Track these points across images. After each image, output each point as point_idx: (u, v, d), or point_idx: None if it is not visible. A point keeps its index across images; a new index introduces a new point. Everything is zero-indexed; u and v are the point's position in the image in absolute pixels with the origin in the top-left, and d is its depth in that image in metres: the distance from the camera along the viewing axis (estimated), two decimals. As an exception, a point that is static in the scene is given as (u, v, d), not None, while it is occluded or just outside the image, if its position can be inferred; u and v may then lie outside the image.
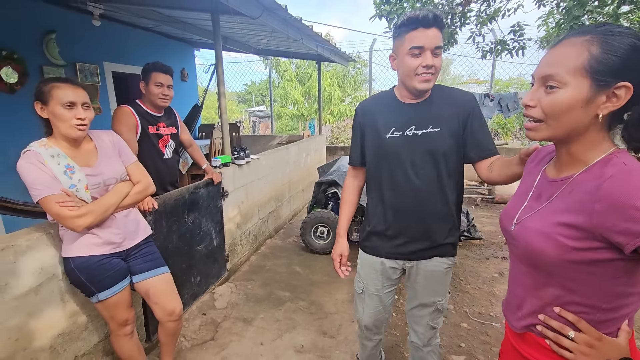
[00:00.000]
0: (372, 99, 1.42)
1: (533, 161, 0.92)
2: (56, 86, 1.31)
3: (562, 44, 0.70)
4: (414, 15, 1.14)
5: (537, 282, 0.78)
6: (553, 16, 3.75)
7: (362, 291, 1.51)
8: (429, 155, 1.27)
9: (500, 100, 4.80)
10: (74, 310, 1.59)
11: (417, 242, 1.35)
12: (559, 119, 0.69)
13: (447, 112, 1.27)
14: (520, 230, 0.80)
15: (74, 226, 1.29)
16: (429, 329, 1.50)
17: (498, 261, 3.30)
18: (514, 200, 0.89)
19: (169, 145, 2.28)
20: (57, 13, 3.86)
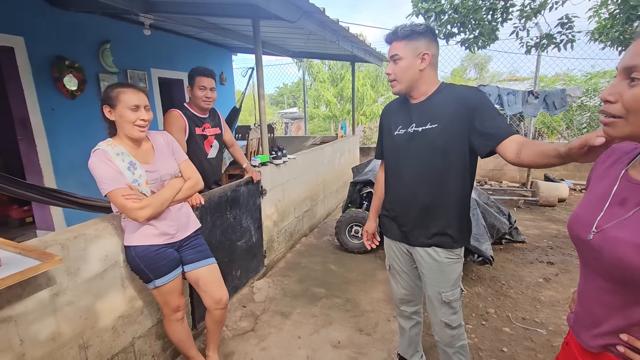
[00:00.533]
0: (392, 102, 1.60)
1: (605, 162, 0.82)
2: (122, 91, 1.44)
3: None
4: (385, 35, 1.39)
5: (625, 301, 0.69)
6: (606, 7, 3.52)
7: (390, 268, 1.72)
8: (427, 150, 1.38)
9: (546, 97, 4.55)
10: (132, 295, 1.73)
11: (414, 228, 1.49)
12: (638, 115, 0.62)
13: (448, 109, 1.35)
14: (604, 240, 0.70)
15: (136, 217, 1.41)
16: (444, 326, 1.54)
17: (543, 266, 3.14)
18: (587, 204, 0.79)
19: (213, 146, 2.41)
20: (111, 24, 4.20)
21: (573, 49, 3.57)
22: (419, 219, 1.46)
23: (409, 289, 1.68)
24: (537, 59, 5.56)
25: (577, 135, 7.62)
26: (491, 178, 6.37)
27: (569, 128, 7.51)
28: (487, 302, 2.59)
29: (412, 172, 1.44)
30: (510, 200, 5.14)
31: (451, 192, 1.41)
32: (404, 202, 1.50)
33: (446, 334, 1.55)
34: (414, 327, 1.79)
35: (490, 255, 2.75)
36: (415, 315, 1.77)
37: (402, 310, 1.76)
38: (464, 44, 3.77)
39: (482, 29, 3.55)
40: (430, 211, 1.43)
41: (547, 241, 3.70)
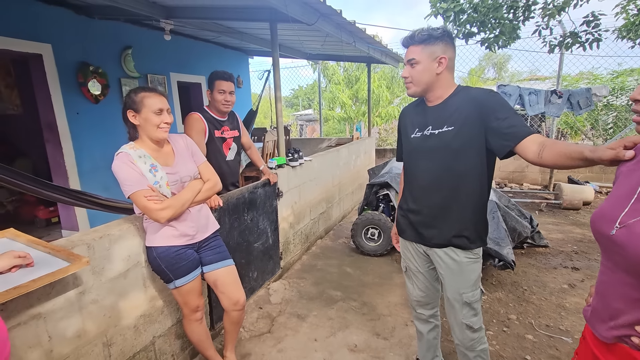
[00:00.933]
0: (412, 104, 1.61)
1: (634, 159, 0.83)
2: (147, 95, 1.48)
3: None
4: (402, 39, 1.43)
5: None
6: (634, 2, 3.37)
7: (406, 270, 1.71)
8: (443, 152, 1.40)
9: (570, 96, 4.40)
10: (153, 295, 1.77)
11: (431, 230, 1.49)
12: None
13: (464, 111, 1.36)
14: (628, 235, 0.72)
15: (158, 217, 1.44)
16: (465, 328, 1.53)
17: (567, 271, 3.03)
18: (612, 201, 0.80)
19: (231, 148, 2.44)
20: (133, 31, 4.32)
21: (599, 48, 3.44)
22: (436, 221, 1.47)
23: (425, 290, 1.67)
24: (560, 58, 5.39)
25: (603, 136, 7.34)
26: (511, 180, 6.20)
27: (593, 128, 7.23)
28: (508, 308, 2.51)
29: (429, 174, 1.46)
30: (532, 203, 4.99)
31: (468, 194, 1.41)
32: (421, 204, 1.51)
33: (467, 336, 1.54)
34: (432, 331, 1.78)
35: (512, 260, 2.67)
36: (433, 319, 1.76)
37: (419, 314, 1.75)
38: (484, 43, 3.69)
39: (502, 28, 3.47)
40: (447, 213, 1.44)
41: (571, 246, 3.56)
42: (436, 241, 1.49)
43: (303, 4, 2.55)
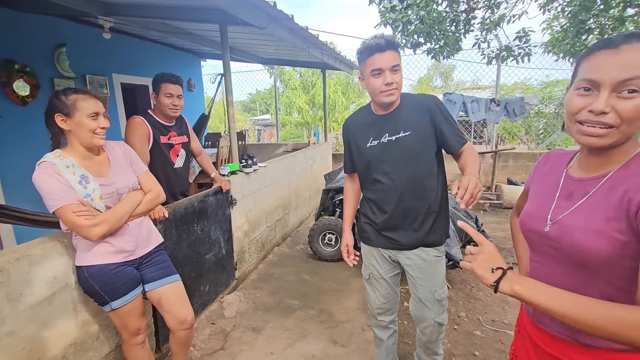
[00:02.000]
0: (353, 115, 1.62)
1: (545, 165, 0.93)
2: (80, 98, 1.34)
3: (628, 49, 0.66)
4: (370, 44, 1.35)
5: (581, 282, 0.77)
6: (558, 20, 3.76)
7: (369, 277, 1.69)
8: (404, 157, 1.45)
9: (507, 105, 4.79)
10: (86, 319, 1.59)
11: (400, 233, 1.52)
12: (632, 125, 0.68)
13: (415, 116, 1.44)
14: (560, 230, 0.78)
15: (89, 235, 1.30)
16: (437, 326, 1.61)
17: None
18: (536, 201, 0.88)
19: (180, 155, 2.30)
20: (68, 27, 3.95)
21: (530, 62, 3.78)
22: (406, 223, 1.50)
23: (387, 296, 1.68)
24: (497, 69, 5.85)
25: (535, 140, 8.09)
26: (459, 183, 6.58)
27: (527, 133, 7.95)
28: (458, 306, 2.63)
29: (393, 180, 1.48)
30: (477, 204, 5.33)
31: (430, 193, 1.49)
32: (389, 209, 1.51)
33: (436, 332, 1.63)
34: (391, 337, 1.80)
35: (460, 259, 2.81)
36: (392, 325, 1.78)
37: (380, 321, 1.75)
38: (430, 53, 3.89)
39: (446, 40, 3.69)
40: (415, 214, 1.49)
41: (511, 243, 3.83)
42: (407, 243, 1.52)
43: (253, 7, 2.49)
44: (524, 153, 6.30)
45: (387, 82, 1.36)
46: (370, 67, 1.37)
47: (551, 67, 7.25)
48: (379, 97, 1.40)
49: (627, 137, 0.70)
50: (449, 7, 3.79)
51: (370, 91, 1.43)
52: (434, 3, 3.64)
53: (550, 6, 3.73)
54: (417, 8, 3.47)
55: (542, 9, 3.75)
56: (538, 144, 7.48)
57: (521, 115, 4.82)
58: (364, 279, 1.73)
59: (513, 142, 8.37)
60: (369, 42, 1.36)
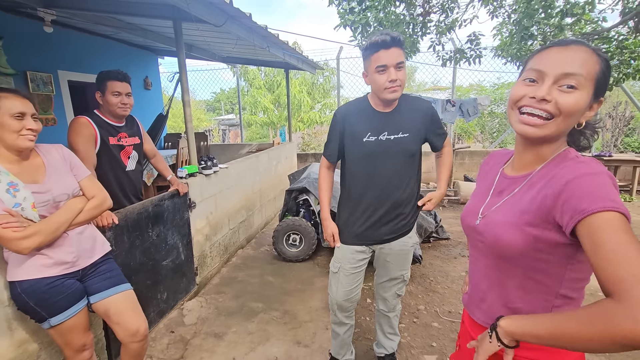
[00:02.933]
0: (350, 106, 1.61)
1: (488, 164, 1.00)
2: (3, 96, 1.22)
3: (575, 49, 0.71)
4: (375, 40, 1.36)
5: (501, 274, 0.82)
6: (506, 26, 4.00)
7: (338, 270, 1.71)
8: (400, 156, 1.53)
9: (461, 105, 5.02)
10: (23, 338, 1.46)
11: (385, 225, 1.61)
12: (569, 119, 0.72)
13: (413, 119, 1.54)
14: (485, 224, 0.83)
15: (19, 249, 1.19)
16: (395, 297, 1.83)
17: (465, 260, 3.42)
18: (475, 198, 0.94)
19: (131, 157, 2.18)
20: (4, 19, 3.62)
21: (481, 64, 3.99)
22: (392, 216, 1.60)
23: (349, 293, 1.73)
24: (453, 71, 6.13)
25: (488, 139, 8.57)
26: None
27: (482, 132, 8.40)
28: (417, 300, 2.72)
29: (386, 177, 1.54)
30: (437, 200, 5.55)
31: (413, 187, 1.63)
32: (376, 204, 1.58)
33: (395, 302, 1.85)
34: (347, 331, 1.88)
35: (419, 255, 2.91)
36: (349, 320, 1.85)
37: (339, 316, 1.81)
38: (389, 55, 3.99)
39: (404, 42, 3.79)
40: (401, 207, 1.60)
41: (468, 236, 4.04)
42: (392, 235, 1.63)
43: (208, 3, 2.42)
44: (479, 151, 6.65)
45: (391, 78, 1.38)
46: (375, 63, 1.38)
47: (502, 70, 7.74)
48: (383, 94, 1.43)
49: (560, 131, 0.74)
50: (406, 10, 3.91)
51: (374, 87, 1.46)
52: (392, 5, 3.74)
53: (497, 12, 3.96)
54: (376, 10, 3.54)
55: (491, 15, 3.97)
56: (492, 142, 7.95)
57: (474, 115, 5.08)
58: (332, 271, 1.75)
59: (469, 141, 8.82)
60: (375, 38, 1.37)
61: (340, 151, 1.64)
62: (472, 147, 7.19)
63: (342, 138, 1.60)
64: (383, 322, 1.93)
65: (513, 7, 3.90)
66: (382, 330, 1.95)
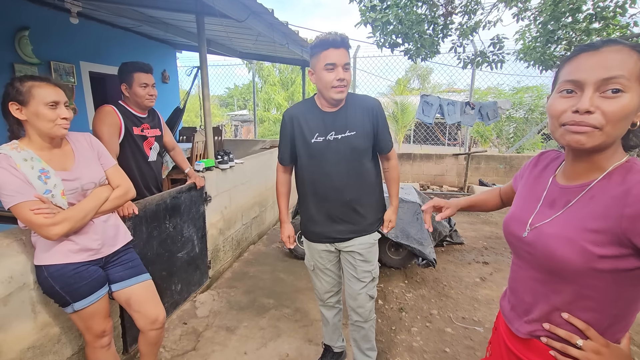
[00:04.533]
0: (298, 107, 1.61)
1: (537, 166, 0.91)
2: (36, 85, 1.24)
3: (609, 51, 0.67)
4: (326, 38, 1.38)
5: (551, 289, 0.77)
6: (529, 30, 3.92)
7: (314, 268, 1.79)
8: (349, 154, 1.52)
9: (481, 108, 4.95)
10: (45, 321, 1.49)
11: (344, 225, 1.61)
12: (617, 126, 0.67)
13: (360, 117, 1.52)
14: (537, 236, 0.78)
15: (49, 235, 1.21)
16: (368, 300, 1.74)
17: (479, 266, 3.37)
18: (520, 204, 0.87)
19: (153, 148, 2.21)
20: (31, 9, 3.70)
21: (502, 68, 3.92)
22: (346, 216, 1.60)
23: (332, 282, 1.81)
24: (472, 74, 6.03)
25: (505, 144, 8.43)
26: (433, 183, 6.75)
27: (498, 137, 8.26)
28: (430, 304, 2.69)
29: (337, 176, 1.54)
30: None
31: (371, 185, 1.63)
32: (329, 204, 1.59)
33: (369, 306, 1.75)
34: (337, 315, 1.92)
35: (433, 258, 2.88)
36: (338, 304, 1.90)
37: (327, 302, 1.86)
38: (407, 54, 3.95)
39: (423, 42, 3.75)
40: (359, 206, 1.60)
41: (482, 242, 3.98)
42: (350, 234, 1.62)
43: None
44: (495, 156, 6.54)
45: (339, 77, 1.39)
46: (324, 60, 1.39)
47: (522, 74, 7.58)
48: (329, 92, 1.43)
49: (612, 139, 0.69)
50: (428, 10, 3.86)
51: (320, 86, 1.45)
52: (414, 5, 3.70)
53: (523, 15, 3.88)
54: (397, 9, 3.51)
55: (516, 17, 3.89)
56: (508, 147, 7.81)
57: (494, 119, 5.00)
58: (309, 270, 1.82)
59: (485, 145, 8.69)
60: (325, 36, 1.39)
61: (292, 153, 1.62)
62: (488, 151, 7.09)
63: (293, 140, 1.59)
64: (358, 338, 1.83)
65: (539, 10, 3.81)
66: (358, 346, 1.86)
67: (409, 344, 2.24)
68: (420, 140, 12.41)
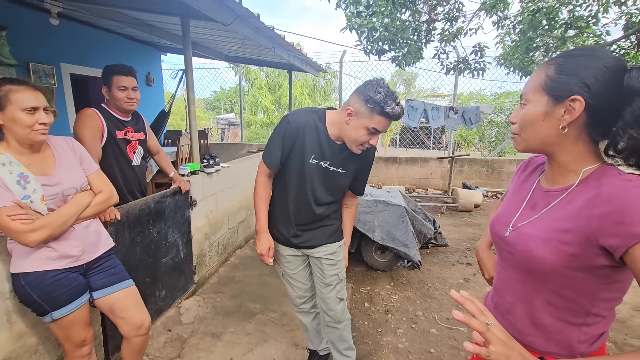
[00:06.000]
0: (307, 120, 1.50)
1: (525, 170, 0.96)
2: (14, 89, 1.21)
3: (537, 70, 0.79)
4: (393, 112, 1.33)
5: (530, 288, 0.80)
6: (510, 35, 4.05)
7: (283, 274, 1.82)
8: (332, 186, 1.58)
9: (464, 113, 5.06)
10: (22, 331, 1.45)
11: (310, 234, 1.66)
12: (526, 131, 0.79)
13: (356, 160, 1.58)
14: (517, 236, 0.82)
15: (27, 241, 1.18)
16: (338, 302, 1.76)
17: (463, 267, 3.43)
18: (506, 206, 0.91)
19: (137, 152, 2.18)
20: (8, 9, 3.60)
21: (483, 76, 4.03)
22: (317, 227, 1.66)
23: (303, 288, 1.82)
24: (455, 80, 6.18)
25: (487, 148, 8.64)
26: (419, 186, 6.85)
27: (481, 141, 8.46)
28: (416, 305, 2.73)
29: (314, 196, 1.58)
30: (435, 207, 5.58)
31: (337, 210, 1.72)
32: (300, 220, 1.63)
33: (339, 308, 1.77)
34: (315, 319, 1.93)
35: (419, 260, 2.92)
36: (314, 309, 1.91)
37: (302, 307, 1.88)
38: (394, 60, 4.02)
39: (409, 48, 3.83)
40: (325, 220, 1.67)
41: (465, 244, 4.06)
42: (317, 242, 1.67)
43: (217, 2, 2.42)
44: (477, 159, 6.70)
45: (371, 141, 1.41)
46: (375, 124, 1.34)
47: (503, 80, 7.80)
48: (352, 146, 1.44)
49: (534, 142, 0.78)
50: (411, 17, 3.94)
51: (349, 135, 1.41)
52: (398, 12, 3.77)
53: (502, 23, 4.00)
54: (382, 15, 3.57)
55: (496, 25, 4.01)
56: (490, 150, 8.01)
57: (477, 123, 5.13)
58: (279, 276, 1.85)
59: (468, 149, 8.88)
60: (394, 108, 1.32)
61: (284, 162, 1.54)
62: (471, 154, 7.24)
63: (290, 149, 1.50)
64: (334, 339, 1.84)
65: (518, 19, 3.95)
66: (336, 348, 1.86)
67: (394, 345, 2.26)
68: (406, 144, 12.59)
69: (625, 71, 0.69)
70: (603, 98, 0.69)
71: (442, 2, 3.78)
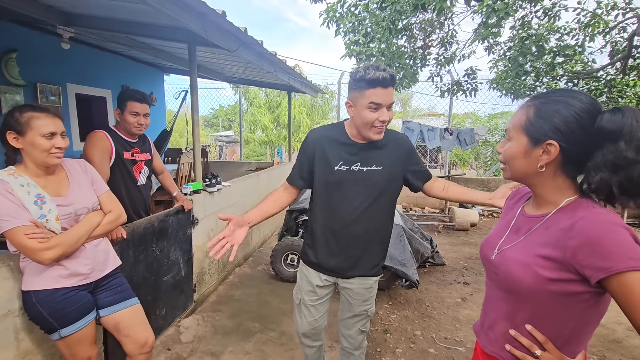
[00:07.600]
0: (324, 131, 1.52)
1: (513, 198, 1.04)
2: (35, 116, 1.29)
3: (521, 108, 0.87)
4: (374, 75, 1.28)
5: (510, 308, 0.86)
6: (503, 61, 4.24)
7: (300, 302, 1.67)
8: (369, 189, 1.45)
9: (459, 134, 5.21)
10: (28, 349, 1.47)
11: (348, 261, 1.52)
12: (510, 164, 0.88)
13: (389, 153, 1.47)
14: (500, 259, 0.88)
15: (41, 259, 1.23)
16: (359, 333, 1.70)
17: (460, 286, 3.46)
18: (495, 231, 0.98)
19: (142, 172, 2.25)
20: (19, 32, 3.74)
21: (476, 96, 4.20)
22: (357, 252, 1.51)
23: (313, 323, 1.67)
24: (450, 101, 6.37)
25: (483, 167, 8.79)
26: (416, 204, 6.92)
27: (476, 160, 8.62)
28: (414, 325, 2.74)
29: (351, 208, 1.45)
30: (432, 225, 5.63)
31: (384, 225, 1.56)
32: (338, 236, 1.49)
33: (360, 339, 1.71)
34: (317, 352, 1.82)
35: (416, 280, 2.96)
36: (317, 342, 1.79)
37: (305, 342, 1.76)
38: (391, 84, 4.18)
39: (405, 72, 3.99)
40: (368, 245, 1.52)
41: (462, 263, 4.10)
42: (354, 273, 1.53)
43: (224, 31, 2.56)
44: (473, 178, 6.81)
45: (382, 118, 1.33)
46: (369, 99, 1.30)
47: (496, 103, 8.04)
48: (368, 132, 1.36)
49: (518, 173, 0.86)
50: (407, 42, 4.14)
51: (359, 122, 1.37)
52: (394, 37, 3.96)
53: (494, 49, 4.20)
54: (379, 42, 3.75)
55: (488, 51, 4.21)
56: (486, 170, 8.16)
57: (471, 144, 5.26)
58: (294, 302, 1.70)
59: (464, 168, 9.03)
60: (374, 73, 1.27)
61: (303, 176, 1.52)
62: (466, 174, 7.36)
63: (311, 163, 1.48)
64: None
65: (508, 45, 4.15)
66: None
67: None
68: (403, 163, 12.69)
69: (598, 113, 0.75)
70: (575, 143, 0.77)
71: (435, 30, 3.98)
